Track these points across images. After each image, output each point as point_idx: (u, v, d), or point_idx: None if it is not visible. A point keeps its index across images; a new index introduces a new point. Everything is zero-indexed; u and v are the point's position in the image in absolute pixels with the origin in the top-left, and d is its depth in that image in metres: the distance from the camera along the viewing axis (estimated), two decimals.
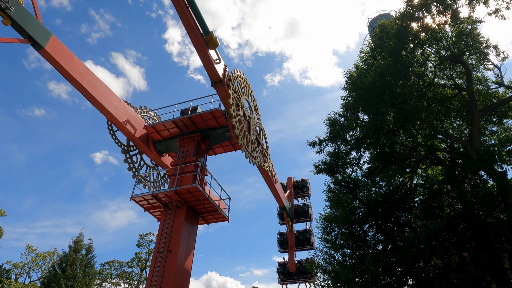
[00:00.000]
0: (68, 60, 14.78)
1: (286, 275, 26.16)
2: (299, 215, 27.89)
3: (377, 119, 16.41)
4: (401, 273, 15.45)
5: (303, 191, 29.63)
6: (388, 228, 17.00)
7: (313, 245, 27.15)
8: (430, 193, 16.14)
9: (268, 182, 22.21)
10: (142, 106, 20.45)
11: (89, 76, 15.69)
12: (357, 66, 18.65)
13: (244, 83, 17.05)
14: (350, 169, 18.66)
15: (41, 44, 13.43)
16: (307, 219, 27.85)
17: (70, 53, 14.99)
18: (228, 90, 14.72)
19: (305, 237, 27.14)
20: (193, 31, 13.27)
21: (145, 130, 18.92)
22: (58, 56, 14.21)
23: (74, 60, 15.13)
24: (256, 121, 17.95)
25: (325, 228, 18.25)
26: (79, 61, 15.41)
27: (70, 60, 14.87)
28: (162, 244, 15.16)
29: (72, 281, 36.10)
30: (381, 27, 17.52)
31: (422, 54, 17.38)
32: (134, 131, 18.00)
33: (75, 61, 15.14)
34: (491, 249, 13.05)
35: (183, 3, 12.76)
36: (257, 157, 17.30)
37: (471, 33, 15.88)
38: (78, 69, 15.21)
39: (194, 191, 15.58)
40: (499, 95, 17.64)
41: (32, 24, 13.11)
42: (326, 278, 17.25)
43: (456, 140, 17.23)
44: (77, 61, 15.25)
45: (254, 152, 16.85)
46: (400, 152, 17.53)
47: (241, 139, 15.06)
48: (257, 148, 17.29)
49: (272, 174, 22.15)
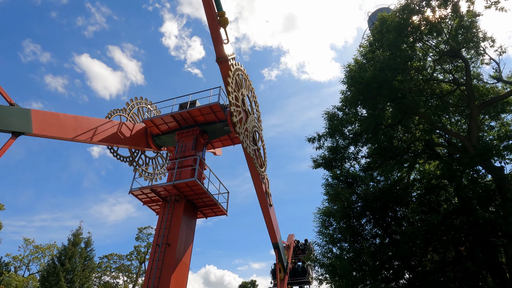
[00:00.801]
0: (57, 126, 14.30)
1: None
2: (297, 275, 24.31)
3: (376, 114, 16.42)
4: (398, 266, 15.61)
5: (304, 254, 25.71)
6: (385, 223, 17.12)
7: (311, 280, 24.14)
8: (428, 188, 16.23)
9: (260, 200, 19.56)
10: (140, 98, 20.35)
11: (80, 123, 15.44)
12: (356, 60, 18.59)
13: (244, 77, 17.07)
14: (348, 163, 18.72)
15: (27, 131, 12.89)
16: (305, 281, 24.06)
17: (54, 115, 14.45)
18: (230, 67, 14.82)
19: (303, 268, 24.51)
20: (209, 4, 13.72)
21: (142, 125, 18.89)
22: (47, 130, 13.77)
23: (61, 121, 14.60)
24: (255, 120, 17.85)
25: (323, 222, 18.36)
26: (64, 115, 14.90)
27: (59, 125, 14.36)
28: (160, 238, 15.23)
29: (71, 274, 36.30)
30: (381, 21, 17.43)
31: (421, 48, 17.32)
32: (130, 132, 17.94)
33: (62, 121, 14.62)
34: (487, 243, 13.17)
35: None
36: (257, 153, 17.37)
37: (470, 27, 15.82)
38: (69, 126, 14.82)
39: (193, 185, 15.61)
40: (498, 90, 17.64)
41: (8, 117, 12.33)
42: (324, 271, 17.40)
43: (454, 135, 17.27)
44: (64, 119, 14.76)
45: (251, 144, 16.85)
46: (398, 147, 17.57)
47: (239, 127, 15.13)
48: (253, 147, 17.17)
49: (268, 193, 19.99)
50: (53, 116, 14.41)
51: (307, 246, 26.05)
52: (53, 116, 14.46)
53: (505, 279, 13.28)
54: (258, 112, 18.71)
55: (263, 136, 19.08)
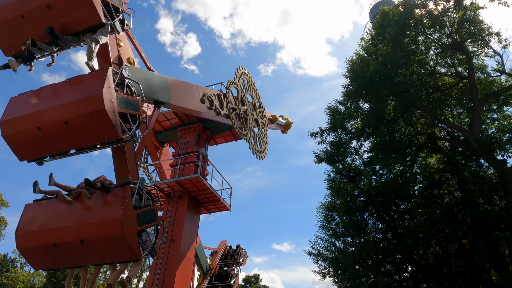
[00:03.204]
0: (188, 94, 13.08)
1: None
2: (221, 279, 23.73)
3: (378, 108, 16.41)
4: (401, 260, 15.71)
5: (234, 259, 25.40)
6: (388, 216, 17.20)
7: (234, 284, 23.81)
8: (430, 182, 16.26)
9: None
10: None
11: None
12: (358, 55, 18.53)
13: (249, 81, 17.74)
14: (351, 158, 18.76)
15: (167, 101, 11.39)
16: (227, 284, 23.57)
17: (185, 85, 13.15)
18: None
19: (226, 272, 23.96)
20: None
21: None
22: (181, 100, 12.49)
23: (191, 90, 13.49)
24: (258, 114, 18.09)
25: (325, 217, 18.47)
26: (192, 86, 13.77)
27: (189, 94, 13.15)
28: (165, 234, 15.37)
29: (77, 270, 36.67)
30: (383, 14, 17.34)
31: (424, 41, 17.24)
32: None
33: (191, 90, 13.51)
34: (490, 236, 13.23)
35: None
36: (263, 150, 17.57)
37: (474, 20, 15.71)
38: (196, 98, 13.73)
39: (196, 181, 15.70)
40: (501, 82, 17.56)
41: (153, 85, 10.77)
42: (327, 265, 17.55)
43: (457, 129, 17.24)
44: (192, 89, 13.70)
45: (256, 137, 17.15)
46: (401, 141, 17.57)
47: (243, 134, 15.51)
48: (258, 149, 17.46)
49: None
50: (184, 86, 13.09)
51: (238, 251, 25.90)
52: (184, 86, 13.12)
53: (508, 272, 13.36)
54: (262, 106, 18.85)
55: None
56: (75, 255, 7.76)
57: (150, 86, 10.57)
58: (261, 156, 17.08)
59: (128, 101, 8.08)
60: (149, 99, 10.58)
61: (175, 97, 12.06)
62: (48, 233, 7.67)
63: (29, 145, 8.01)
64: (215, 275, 23.67)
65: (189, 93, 13.43)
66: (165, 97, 11.27)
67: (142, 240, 7.71)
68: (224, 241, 26.62)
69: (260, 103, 18.98)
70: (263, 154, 17.29)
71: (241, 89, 16.92)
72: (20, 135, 7.89)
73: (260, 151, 17.07)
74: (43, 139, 7.76)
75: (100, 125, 7.36)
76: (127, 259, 7.67)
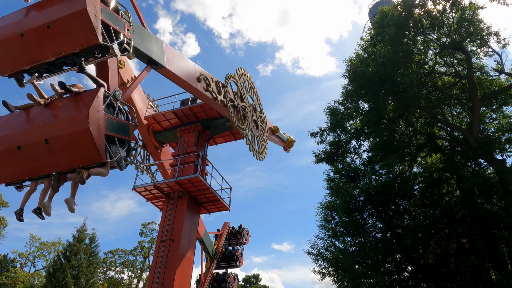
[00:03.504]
0: (183, 67, 12.60)
1: None
2: (226, 260, 24.52)
3: (378, 108, 16.42)
4: (400, 259, 15.73)
5: (238, 238, 26.25)
6: (387, 216, 17.22)
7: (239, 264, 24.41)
8: (430, 181, 16.28)
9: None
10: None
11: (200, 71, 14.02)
12: (357, 55, 18.55)
13: (250, 83, 17.60)
14: (350, 158, 18.78)
15: (161, 64, 11.07)
16: (233, 265, 24.44)
17: (181, 57, 12.73)
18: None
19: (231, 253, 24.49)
20: None
21: (145, 121, 18.94)
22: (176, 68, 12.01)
23: (187, 64, 13.00)
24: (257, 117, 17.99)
25: (325, 216, 18.50)
26: (188, 60, 13.37)
27: (184, 67, 12.67)
28: (164, 234, 15.37)
29: (77, 270, 36.70)
30: (382, 14, 17.35)
31: (423, 41, 17.25)
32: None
33: (187, 64, 13.03)
34: (490, 236, 13.25)
35: None
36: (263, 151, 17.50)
37: (473, 20, 15.72)
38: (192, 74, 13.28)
39: (196, 181, 15.70)
40: (500, 82, 17.58)
41: (147, 42, 10.48)
42: (327, 265, 17.57)
43: (456, 128, 17.26)
44: (188, 63, 13.36)
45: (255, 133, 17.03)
46: (400, 141, 17.60)
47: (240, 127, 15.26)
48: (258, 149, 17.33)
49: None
50: (179, 56, 12.58)
51: (240, 231, 26.58)
52: (179, 56, 12.62)
53: (507, 271, 13.38)
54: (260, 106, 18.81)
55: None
56: (39, 160, 7.26)
57: (144, 42, 10.26)
58: (261, 157, 17.07)
59: (118, 124, 7.74)
60: (143, 56, 10.37)
61: (170, 62, 11.63)
62: (14, 135, 7.34)
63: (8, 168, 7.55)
64: (221, 257, 24.44)
65: (185, 65, 13.02)
66: (159, 57, 10.91)
67: (111, 148, 7.32)
68: (227, 223, 27.24)
69: (261, 109, 18.86)
70: (262, 155, 17.28)
71: (241, 86, 16.83)
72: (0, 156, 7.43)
73: (260, 152, 17.06)
74: (22, 159, 7.33)
75: (83, 147, 7.01)
76: (92, 161, 7.12)
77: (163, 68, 11.32)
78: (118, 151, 7.60)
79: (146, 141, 19.05)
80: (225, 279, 23.78)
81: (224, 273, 24.40)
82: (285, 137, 22.72)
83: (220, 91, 14.92)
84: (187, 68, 13.08)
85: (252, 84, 18.19)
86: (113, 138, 7.58)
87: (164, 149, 19.88)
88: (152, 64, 10.77)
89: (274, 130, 21.25)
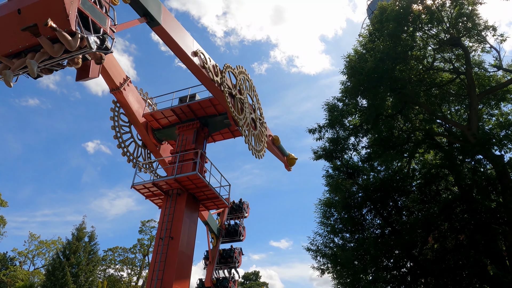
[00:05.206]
0: (180, 35, 12.58)
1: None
2: (230, 235, 25.55)
3: (376, 104, 16.41)
4: (399, 255, 15.79)
5: (239, 212, 26.94)
6: (386, 212, 17.26)
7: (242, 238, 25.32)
8: (428, 177, 16.32)
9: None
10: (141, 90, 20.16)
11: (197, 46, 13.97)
12: (356, 51, 18.50)
13: (250, 84, 17.50)
14: (349, 154, 18.79)
15: (157, 21, 11.02)
16: (236, 239, 25.50)
17: (179, 26, 12.77)
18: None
19: (234, 229, 25.33)
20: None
21: (144, 118, 18.89)
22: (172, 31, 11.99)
23: (184, 34, 13.00)
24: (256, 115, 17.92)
25: (324, 213, 18.52)
26: (186, 32, 13.34)
27: (181, 35, 12.65)
28: (164, 231, 15.38)
29: (76, 268, 36.71)
30: (381, 10, 17.30)
31: (421, 37, 17.23)
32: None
33: (185, 34, 13.03)
34: (488, 231, 13.30)
35: None
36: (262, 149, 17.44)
37: (471, 15, 15.69)
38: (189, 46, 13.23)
39: (194, 178, 15.69)
40: (498, 78, 17.59)
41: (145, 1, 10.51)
42: (326, 261, 17.61)
43: (454, 124, 17.28)
44: (186, 35, 13.26)
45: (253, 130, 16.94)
46: (399, 137, 17.62)
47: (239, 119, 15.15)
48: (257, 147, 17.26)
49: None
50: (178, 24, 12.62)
51: (241, 205, 27.06)
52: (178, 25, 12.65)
53: (505, 266, 13.45)
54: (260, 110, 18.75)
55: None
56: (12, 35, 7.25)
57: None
58: (259, 155, 17.04)
59: (94, 9, 7.70)
60: (138, 7, 10.25)
61: (166, 22, 11.54)
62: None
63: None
64: (225, 232, 25.28)
65: (183, 34, 12.97)
66: (155, 13, 10.86)
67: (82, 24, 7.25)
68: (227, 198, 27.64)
69: (261, 113, 18.66)
70: (261, 153, 17.25)
71: (240, 82, 16.68)
72: None
73: (258, 150, 17.03)
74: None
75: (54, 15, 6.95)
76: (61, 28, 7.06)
77: (159, 26, 11.17)
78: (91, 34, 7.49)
79: (145, 138, 19.01)
80: (231, 255, 24.58)
81: (229, 249, 25.35)
82: (286, 152, 22.73)
83: (217, 74, 14.76)
84: (184, 38, 12.93)
85: (253, 86, 18.01)
86: (87, 20, 7.51)
87: (163, 146, 19.85)
88: (147, 18, 10.58)
89: (274, 139, 21.09)
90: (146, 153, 19.68)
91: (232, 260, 24.23)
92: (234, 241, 25.51)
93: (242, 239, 25.64)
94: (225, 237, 25.23)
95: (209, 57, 14.41)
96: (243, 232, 25.98)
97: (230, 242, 25.31)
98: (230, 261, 24.40)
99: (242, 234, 25.82)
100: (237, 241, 25.52)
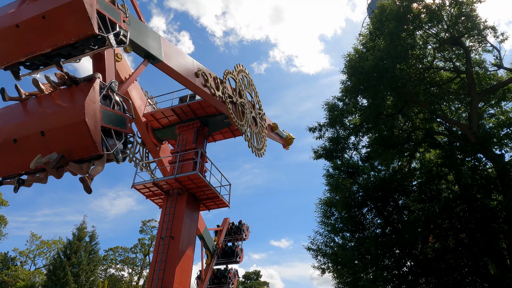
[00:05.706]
0: (181, 63, 12.45)
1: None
2: (227, 255, 24.46)
3: (376, 103, 16.40)
4: (399, 255, 15.79)
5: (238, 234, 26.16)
6: (386, 212, 17.26)
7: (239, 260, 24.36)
8: (428, 177, 16.31)
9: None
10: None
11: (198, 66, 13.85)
12: (356, 50, 18.48)
13: (249, 80, 17.46)
14: (349, 153, 18.79)
15: (159, 58, 10.91)
16: (233, 260, 24.42)
17: (178, 51, 12.58)
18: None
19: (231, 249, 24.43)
20: None
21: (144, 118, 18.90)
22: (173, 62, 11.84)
23: (184, 58, 12.81)
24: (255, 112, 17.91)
25: (324, 212, 18.52)
26: (186, 55, 13.21)
27: (182, 63, 12.51)
28: (164, 231, 15.39)
29: (77, 268, 36.78)
30: (381, 9, 17.28)
31: (422, 36, 17.20)
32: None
33: (184, 58, 12.86)
34: (488, 230, 13.30)
35: None
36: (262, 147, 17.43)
37: (471, 14, 15.67)
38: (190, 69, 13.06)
39: (195, 178, 15.70)
40: (498, 77, 17.56)
41: (144, 35, 10.35)
42: (326, 261, 17.61)
43: (455, 123, 17.27)
44: (186, 58, 13.10)
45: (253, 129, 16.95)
46: (399, 136, 17.61)
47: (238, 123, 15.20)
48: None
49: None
50: (177, 51, 12.49)
51: (240, 227, 26.50)
52: (177, 51, 12.52)
53: (505, 265, 13.45)
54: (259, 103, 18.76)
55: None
56: (36, 153, 7.03)
57: (141, 36, 10.12)
58: (260, 153, 17.03)
59: (114, 116, 7.55)
60: (140, 50, 10.21)
61: (168, 56, 11.45)
62: (9, 128, 7.21)
63: (4, 161, 7.42)
64: (221, 252, 24.34)
65: (183, 60, 12.88)
66: (156, 51, 10.74)
67: (107, 141, 7.10)
68: (226, 219, 27.20)
69: (260, 106, 18.77)
70: (261, 151, 17.23)
71: (239, 83, 16.74)
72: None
73: (259, 149, 17.02)
74: (19, 152, 7.17)
75: (79, 139, 6.83)
76: (88, 153, 6.94)
77: (161, 62, 11.17)
78: (115, 144, 7.38)
79: (145, 138, 19.01)
80: (225, 275, 23.71)
81: (224, 269, 24.27)
82: (284, 134, 22.63)
83: (218, 87, 14.83)
84: (185, 63, 12.98)
85: (251, 80, 18.10)
86: (110, 131, 7.37)
87: (163, 146, 19.86)
88: (149, 59, 10.64)
89: (273, 127, 21.16)
90: (144, 152, 19.66)
91: (226, 281, 23.31)
92: (231, 263, 24.45)
93: (239, 261, 24.64)
94: (221, 257, 24.23)
95: (209, 72, 14.42)
96: (240, 254, 25.00)
97: (225, 263, 24.28)
98: (224, 281, 23.36)
99: (240, 255, 24.83)
100: (233, 263, 24.52)
